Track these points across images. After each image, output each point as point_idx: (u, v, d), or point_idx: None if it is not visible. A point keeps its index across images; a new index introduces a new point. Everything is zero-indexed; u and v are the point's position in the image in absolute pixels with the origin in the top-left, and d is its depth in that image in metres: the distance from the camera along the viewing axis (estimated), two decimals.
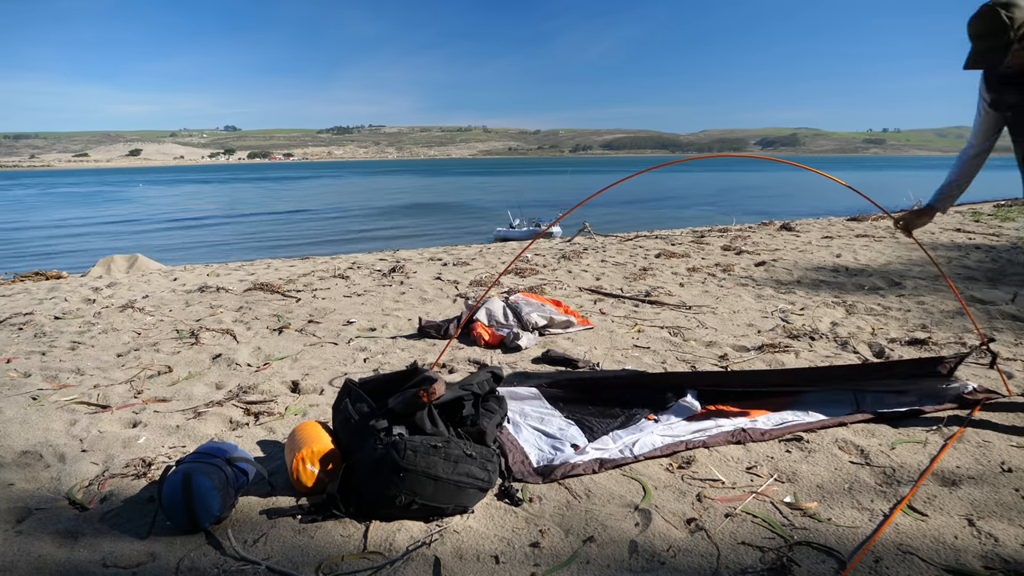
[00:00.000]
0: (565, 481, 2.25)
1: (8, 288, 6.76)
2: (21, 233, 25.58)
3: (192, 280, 6.92)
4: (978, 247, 7.88)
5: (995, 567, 1.71)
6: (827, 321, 4.43)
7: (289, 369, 3.64)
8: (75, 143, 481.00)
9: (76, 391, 3.28)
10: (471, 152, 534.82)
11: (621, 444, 2.46)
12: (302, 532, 1.94)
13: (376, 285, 6.32)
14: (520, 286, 6.04)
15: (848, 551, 1.78)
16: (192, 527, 1.93)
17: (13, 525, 2.01)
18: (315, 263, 8.30)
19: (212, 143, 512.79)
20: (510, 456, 2.37)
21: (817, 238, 9.07)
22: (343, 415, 2.25)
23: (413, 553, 1.82)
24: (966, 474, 2.19)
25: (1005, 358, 3.52)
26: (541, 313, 4.30)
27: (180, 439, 2.68)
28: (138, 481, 2.30)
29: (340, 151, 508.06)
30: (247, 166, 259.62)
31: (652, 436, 2.51)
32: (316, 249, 14.30)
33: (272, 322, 4.77)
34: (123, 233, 24.37)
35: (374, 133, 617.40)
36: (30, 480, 2.34)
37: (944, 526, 1.89)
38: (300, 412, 2.99)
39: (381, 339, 4.27)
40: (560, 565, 1.77)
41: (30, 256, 17.30)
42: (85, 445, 2.62)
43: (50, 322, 4.89)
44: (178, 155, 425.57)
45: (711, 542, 1.84)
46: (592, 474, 2.28)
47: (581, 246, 9.33)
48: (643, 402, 2.87)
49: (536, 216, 21.93)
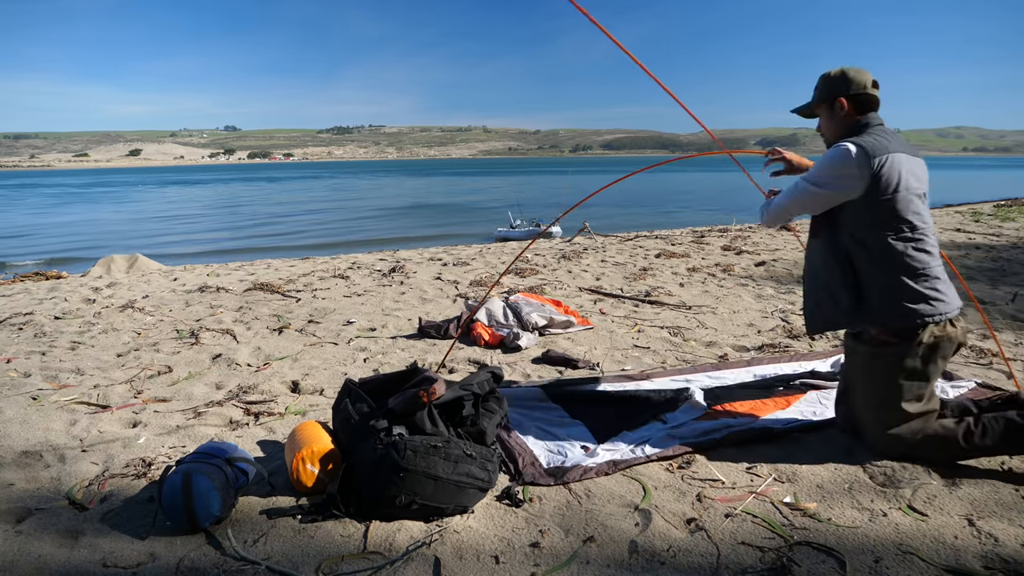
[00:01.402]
0: (563, 474, 2.25)
1: (8, 288, 6.76)
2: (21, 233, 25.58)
3: (192, 280, 6.92)
4: (978, 247, 7.88)
5: (995, 567, 1.71)
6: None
7: (289, 369, 3.64)
8: (75, 143, 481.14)
9: (76, 391, 3.28)
10: (471, 152, 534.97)
11: (632, 444, 2.46)
12: (302, 532, 1.94)
13: (376, 285, 6.33)
14: (520, 286, 6.04)
15: (848, 551, 1.78)
16: (192, 527, 1.93)
17: (13, 525, 2.01)
18: (315, 263, 8.30)
19: (212, 143, 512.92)
20: (520, 459, 2.36)
21: None
22: (343, 415, 2.25)
23: (413, 553, 1.82)
24: (966, 474, 2.19)
25: (1005, 358, 3.52)
26: (541, 313, 4.30)
27: (180, 439, 2.68)
28: (138, 481, 2.30)
29: (340, 151, 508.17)
30: (247, 166, 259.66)
31: (662, 437, 2.51)
32: (316, 249, 14.30)
33: (272, 322, 4.77)
34: (123, 233, 24.37)
35: (374, 133, 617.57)
36: (30, 480, 2.33)
37: (944, 526, 1.89)
38: (300, 412, 2.99)
39: (381, 339, 4.27)
40: (560, 565, 1.77)
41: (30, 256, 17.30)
42: (85, 445, 2.62)
43: (50, 322, 4.89)
44: (178, 155, 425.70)
45: (711, 542, 1.84)
46: (605, 476, 2.27)
47: (581, 246, 9.33)
48: (650, 402, 2.87)
49: (536, 216, 21.92)
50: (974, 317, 4.47)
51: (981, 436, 2.17)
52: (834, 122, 2.29)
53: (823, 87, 2.31)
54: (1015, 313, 4.52)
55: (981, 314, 3.17)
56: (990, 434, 2.17)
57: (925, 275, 2.14)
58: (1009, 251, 7.51)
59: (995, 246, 7.93)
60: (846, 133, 2.24)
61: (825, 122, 2.34)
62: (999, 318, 4.41)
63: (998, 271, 6.26)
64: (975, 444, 2.17)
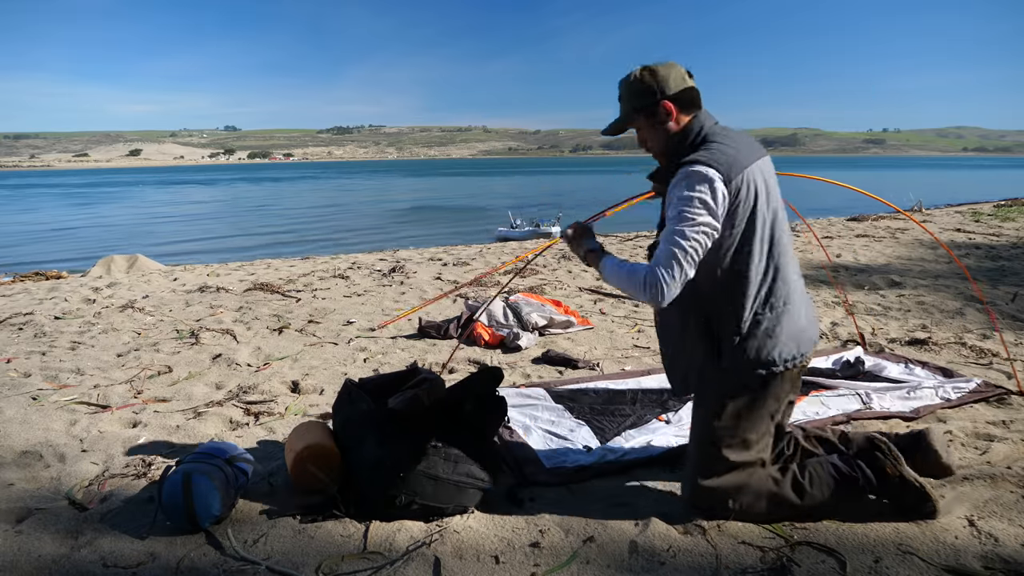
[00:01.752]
0: (565, 474, 2.25)
1: (8, 288, 6.76)
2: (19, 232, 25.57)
3: (192, 280, 6.92)
4: (978, 247, 7.88)
5: (995, 567, 1.71)
6: (827, 321, 4.43)
7: (289, 369, 3.64)
8: (75, 143, 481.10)
9: (76, 391, 3.28)
10: (471, 152, 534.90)
11: (634, 444, 2.46)
12: (302, 532, 1.94)
13: (376, 285, 6.33)
14: (520, 286, 6.04)
15: (848, 551, 1.78)
16: (192, 527, 1.93)
17: (13, 525, 2.00)
18: (315, 263, 8.30)
19: (212, 143, 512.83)
20: (521, 459, 2.36)
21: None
22: (343, 415, 2.25)
23: (413, 553, 1.82)
24: (966, 474, 2.19)
25: (1005, 358, 3.52)
26: (541, 313, 4.30)
27: (180, 439, 2.68)
28: (138, 481, 2.30)
29: (340, 151, 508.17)
30: (247, 166, 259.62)
31: (665, 437, 2.51)
32: (316, 249, 14.30)
33: (272, 322, 4.76)
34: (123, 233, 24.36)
35: (374, 133, 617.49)
36: (30, 480, 2.34)
37: (944, 526, 1.89)
38: (300, 412, 2.99)
39: (381, 339, 4.27)
40: (560, 565, 1.76)
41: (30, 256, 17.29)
42: (85, 445, 2.62)
43: (50, 322, 4.89)
44: (178, 155, 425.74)
45: (711, 542, 1.84)
46: (606, 476, 2.27)
47: None
48: (653, 402, 2.87)
49: (536, 216, 21.95)
50: (975, 317, 4.47)
51: (811, 486, 1.88)
52: (661, 132, 1.84)
53: (634, 94, 1.83)
54: (1015, 313, 4.52)
55: (990, 314, 3.17)
56: (818, 482, 1.89)
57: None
58: (1009, 251, 7.52)
59: (995, 246, 7.93)
60: (681, 143, 1.82)
61: (649, 135, 1.87)
62: (999, 318, 4.41)
63: (998, 271, 6.26)
64: (806, 497, 1.88)
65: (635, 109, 1.84)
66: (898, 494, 1.91)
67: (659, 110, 1.81)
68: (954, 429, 2.57)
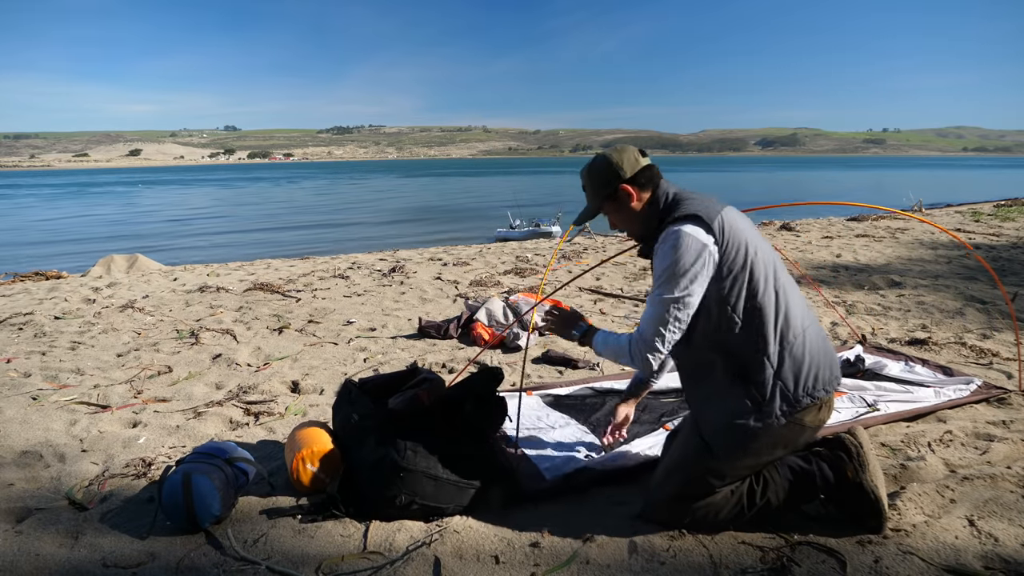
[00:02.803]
0: (567, 481, 2.24)
1: (8, 288, 6.76)
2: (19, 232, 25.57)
3: (192, 280, 6.92)
4: (978, 247, 7.88)
5: (995, 567, 1.71)
6: (827, 321, 4.43)
7: (289, 369, 3.64)
8: (75, 143, 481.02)
9: (76, 391, 3.28)
10: (471, 152, 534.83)
11: (634, 448, 2.44)
12: (302, 532, 1.94)
13: (376, 285, 6.33)
14: (520, 286, 6.04)
15: (848, 551, 1.78)
16: (192, 527, 1.93)
17: (13, 525, 2.01)
18: (315, 263, 8.30)
19: (212, 143, 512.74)
20: (521, 459, 2.35)
21: (817, 238, 9.07)
22: (343, 415, 2.25)
23: (413, 553, 1.82)
24: (967, 474, 2.19)
25: (1005, 358, 3.52)
26: (541, 313, 4.30)
27: (180, 439, 2.68)
28: (138, 481, 2.30)
29: (340, 151, 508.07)
30: (247, 166, 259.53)
31: (664, 440, 2.49)
32: (316, 249, 14.30)
33: (272, 322, 4.76)
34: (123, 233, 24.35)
35: (374, 133, 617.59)
36: (30, 480, 2.34)
37: (944, 526, 1.89)
38: (300, 412, 2.99)
39: (381, 339, 4.27)
40: (560, 565, 1.76)
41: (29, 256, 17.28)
42: (85, 445, 2.62)
43: (50, 322, 4.89)
44: (178, 155, 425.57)
45: (711, 542, 1.84)
46: (606, 477, 2.26)
47: (581, 246, 9.33)
48: (659, 410, 2.85)
49: (536, 216, 21.93)
50: (975, 317, 4.47)
51: (763, 493, 1.88)
52: (627, 213, 1.91)
53: (596, 184, 1.92)
54: (1015, 313, 4.52)
55: (1011, 311, 3.16)
56: (772, 487, 1.88)
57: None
58: (1009, 251, 7.51)
59: (995, 246, 7.93)
60: (652, 215, 1.88)
61: (618, 219, 1.95)
62: (999, 318, 4.41)
63: (998, 271, 6.26)
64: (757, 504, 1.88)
65: (599, 197, 1.93)
66: (853, 502, 1.87)
67: (620, 194, 1.89)
68: (954, 429, 2.57)
